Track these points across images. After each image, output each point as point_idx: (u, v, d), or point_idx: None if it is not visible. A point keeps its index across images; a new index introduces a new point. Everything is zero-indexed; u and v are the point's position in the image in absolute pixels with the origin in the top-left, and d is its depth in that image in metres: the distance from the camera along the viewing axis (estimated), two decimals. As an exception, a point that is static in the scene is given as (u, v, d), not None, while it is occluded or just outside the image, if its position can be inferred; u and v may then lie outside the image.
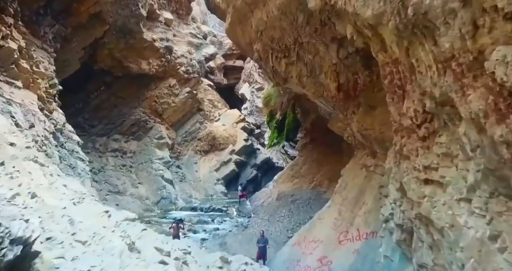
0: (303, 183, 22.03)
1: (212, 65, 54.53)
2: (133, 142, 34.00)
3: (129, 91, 34.26)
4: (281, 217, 16.49)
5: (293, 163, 24.30)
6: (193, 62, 39.08)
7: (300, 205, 17.21)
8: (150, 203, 27.32)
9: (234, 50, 59.06)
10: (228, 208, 24.42)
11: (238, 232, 16.83)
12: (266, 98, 70.20)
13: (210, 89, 43.22)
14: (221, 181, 33.02)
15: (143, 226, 10.97)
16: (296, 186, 22.20)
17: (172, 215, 24.44)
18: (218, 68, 55.84)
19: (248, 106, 53.96)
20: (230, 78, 59.73)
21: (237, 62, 59.16)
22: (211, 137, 35.98)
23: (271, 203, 19.82)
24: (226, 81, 56.47)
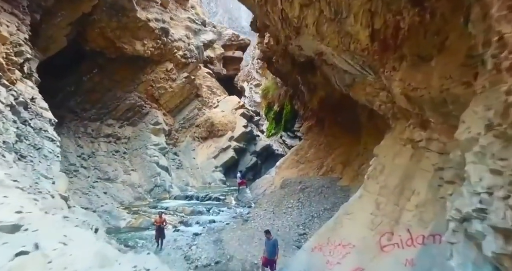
0: (310, 169, 18.10)
1: (211, 55, 50.37)
2: (128, 127, 29.93)
3: (123, 75, 30.08)
4: (288, 209, 12.61)
5: (297, 147, 20.33)
6: (191, 47, 34.89)
7: (311, 194, 13.32)
8: (143, 191, 23.33)
9: (234, 41, 54.85)
10: (226, 197, 20.60)
11: (236, 225, 12.94)
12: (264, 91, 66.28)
13: (209, 77, 39.05)
14: (219, 168, 29.10)
15: None
16: (302, 172, 18.27)
17: (164, 204, 20.48)
18: (217, 58, 51.55)
19: (246, 101, 50.73)
20: (230, 69, 55.47)
21: (236, 53, 54.94)
22: (210, 123, 31.94)
23: (275, 192, 15.96)
24: (225, 71, 52.19)
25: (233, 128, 31.40)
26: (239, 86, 62.30)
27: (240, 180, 21.45)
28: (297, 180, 15.91)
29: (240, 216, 16.23)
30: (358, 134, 14.26)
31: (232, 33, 54.30)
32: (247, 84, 68.81)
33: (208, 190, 25.23)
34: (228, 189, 25.06)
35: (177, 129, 32.69)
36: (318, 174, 16.38)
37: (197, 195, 21.50)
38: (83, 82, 28.36)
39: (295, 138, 58.68)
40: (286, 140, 55.56)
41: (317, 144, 18.97)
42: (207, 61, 48.92)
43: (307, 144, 19.71)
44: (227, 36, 53.61)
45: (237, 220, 13.97)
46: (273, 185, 18.73)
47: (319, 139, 19.12)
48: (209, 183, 27.80)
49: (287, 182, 16.11)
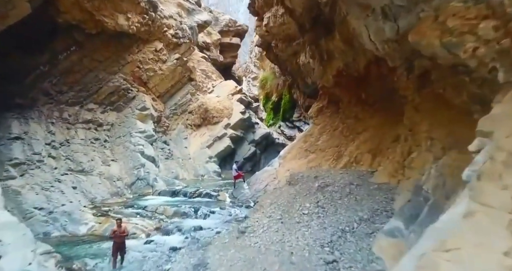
0: (323, 160, 13.63)
1: (207, 41, 45.50)
2: (112, 112, 25.25)
3: (106, 54, 25.30)
4: (303, 216, 8.10)
5: (305, 133, 15.78)
6: (184, 26, 30.08)
7: (334, 195, 8.84)
8: (122, 185, 18.81)
9: (231, 26, 49.91)
10: (220, 193, 16.07)
11: (229, 239, 8.39)
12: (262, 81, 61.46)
13: (204, 61, 34.28)
14: (214, 159, 24.60)
15: None
16: (313, 164, 13.79)
17: (144, 202, 15.96)
18: (214, 44, 46.65)
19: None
20: (227, 56, 50.58)
21: (233, 40, 50.03)
22: (203, 109, 27.32)
23: (281, 190, 11.45)
24: (222, 58, 47.32)
25: (229, 115, 26.83)
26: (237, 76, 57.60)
27: (236, 172, 16.75)
28: (310, 174, 11.41)
29: (235, 219, 11.78)
30: (396, 113, 9.82)
31: (229, 18, 49.36)
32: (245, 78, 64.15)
33: (199, 183, 20.66)
34: (223, 182, 20.48)
35: (167, 116, 28.05)
36: (337, 166, 11.93)
37: (185, 191, 17.00)
38: (58, 61, 23.54)
39: (294, 128, 54.12)
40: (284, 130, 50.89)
41: (331, 129, 14.47)
42: (203, 47, 44.08)
43: (318, 129, 15.20)
44: (224, 22, 48.72)
45: (231, 229, 9.51)
46: (277, 179, 14.28)
47: (334, 122, 14.61)
48: (202, 176, 23.36)
49: (297, 177, 11.58)
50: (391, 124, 10.32)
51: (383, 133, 10.55)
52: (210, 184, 20.11)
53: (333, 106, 15.16)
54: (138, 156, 21.21)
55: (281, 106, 57.49)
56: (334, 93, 14.64)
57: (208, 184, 20.09)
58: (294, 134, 48.66)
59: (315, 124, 15.63)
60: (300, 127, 53.14)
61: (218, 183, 20.16)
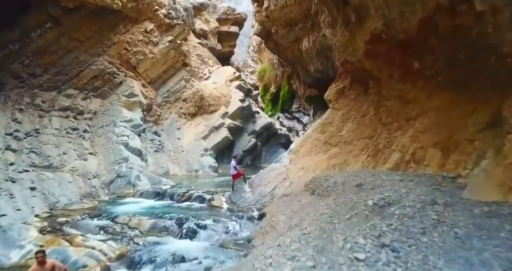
0: (350, 156, 9.53)
1: (205, 28, 40.85)
2: (96, 99, 20.93)
3: (88, 33, 20.84)
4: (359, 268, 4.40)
5: (322, 121, 11.48)
6: (177, 6, 25.56)
7: (410, 224, 4.68)
8: (98, 184, 14.62)
9: (229, 14, 45.16)
10: (215, 196, 11.89)
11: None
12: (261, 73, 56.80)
13: (200, 46, 29.78)
14: (210, 152, 20.42)
15: None
16: (337, 161, 9.68)
17: (117, 208, 11.74)
18: (211, 32, 41.97)
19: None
20: (225, 45, 45.92)
21: (232, 28, 45.31)
22: (199, 96, 22.99)
23: (299, 200, 7.23)
24: (220, 46, 42.70)
25: (227, 103, 22.56)
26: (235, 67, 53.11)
27: (236, 170, 11.83)
28: (346, 179, 6.96)
29: (234, 242, 7.69)
30: (480, 87, 5.75)
31: (227, 6, 44.55)
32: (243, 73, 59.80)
33: (192, 181, 16.39)
34: (220, 180, 16.03)
35: (159, 104, 23.72)
36: (380, 166, 7.82)
37: (172, 192, 12.77)
38: (31, 39, 19.09)
39: (293, 119, 49.84)
40: (283, 121, 46.48)
41: (358, 115, 10.32)
42: (200, 35, 39.44)
43: (339, 115, 11.02)
44: (222, 9, 43.99)
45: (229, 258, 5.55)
46: (288, 181, 10.16)
47: (361, 106, 10.44)
48: (196, 171, 19.22)
49: (324, 183, 7.23)
50: (472, 104, 6.25)
51: (457, 118, 6.47)
52: (204, 181, 15.87)
53: (359, 86, 10.99)
54: (121, 148, 16.98)
55: (280, 98, 53.29)
56: (362, 69, 10.42)
57: (202, 181, 15.86)
58: (294, 125, 44.58)
59: (334, 109, 11.43)
60: (300, 118, 48.93)
61: (214, 181, 15.87)
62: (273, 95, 54.56)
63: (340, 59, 12.36)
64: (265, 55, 63.64)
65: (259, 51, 66.94)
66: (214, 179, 16.20)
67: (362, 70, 10.84)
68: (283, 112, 50.61)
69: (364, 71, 10.73)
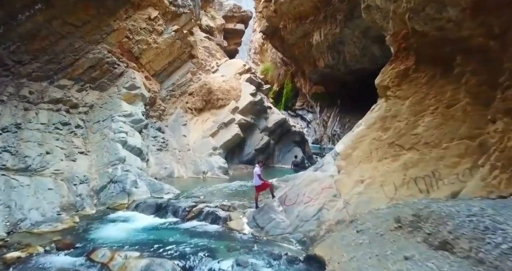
0: (441, 165, 5.66)
1: (212, 25, 36.62)
2: (93, 92, 16.91)
3: (85, 17, 16.73)
4: None
5: (379, 113, 7.41)
6: (185, -6, 21.40)
7: None
8: (86, 191, 10.69)
9: (235, 12, 40.99)
10: (232, 212, 8.07)
11: None
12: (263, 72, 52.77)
13: (207, 40, 25.67)
14: (219, 150, 16.49)
15: None
16: (420, 172, 5.83)
17: (100, 232, 7.78)
18: (218, 29, 37.80)
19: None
20: (231, 43, 41.78)
21: (238, 26, 41.16)
22: (206, 89, 18.98)
23: (382, 237, 3.91)
24: (226, 43, 38.57)
25: (237, 97, 18.61)
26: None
27: (261, 180, 7.98)
28: (480, 212, 3.69)
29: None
30: None
31: (233, 3, 40.33)
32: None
33: (200, 187, 12.17)
34: (233, 187, 11.73)
35: (163, 98, 19.72)
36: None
37: (176, 205, 8.80)
38: (18, 21, 14.96)
39: (297, 116, 45.84)
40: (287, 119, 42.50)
41: (442, 105, 6.48)
42: (207, 31, 35.20)
43: (407, 106, 7.13)
44: (228, 7, 39.81)
45: None
46: (341, 200, 6.27)
47: (443, 92, 6.58)
48: (204, 173, 15.29)
49: (435, 222, 3.63)
50: None
51: None
52: (215, 188, 11.77)
53: (433, 66, 7.07)
54: (117, 147, 13.01)
55: (283, 96, 49.43)
56: (442, 41, 6.52)
57: (211, 189, 11.80)
58: (298, 122, 40.69)
59: (396, 98, 7.50)
60: (303, 115, 45.01)
61: (227, 187, 11.85)
62: (275, 93, 50.65)
63: (397, 33, 8.35)
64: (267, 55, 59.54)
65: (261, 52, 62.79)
66: (226, 185, 12.22)
67: (443, 42, 6.89)
68: (287, 109, 46.72)
69: (446, 43, 6.80)
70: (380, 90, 8.44)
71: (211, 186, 12.37)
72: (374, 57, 24.05)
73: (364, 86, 29.10)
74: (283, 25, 30.57)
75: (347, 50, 24.89)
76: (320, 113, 35.19)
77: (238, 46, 43.32)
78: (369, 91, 26.76)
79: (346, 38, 23.99)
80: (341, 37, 24.19)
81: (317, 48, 27.03)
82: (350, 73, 27.74)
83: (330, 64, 27.07)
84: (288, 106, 46.66)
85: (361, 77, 27.90)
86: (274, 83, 51.38)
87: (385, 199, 6.06)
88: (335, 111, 31.57)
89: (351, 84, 29.51)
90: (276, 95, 49.00)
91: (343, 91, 30.90)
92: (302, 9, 26.63)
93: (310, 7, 25.26)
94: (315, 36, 26.53)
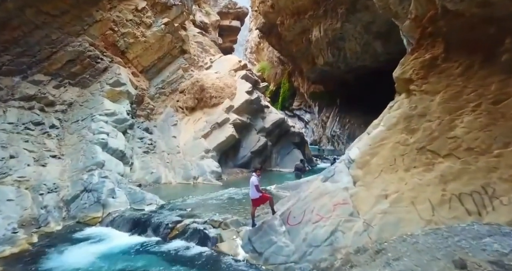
0: (496, 178, 4.33)
1: (206, 21, 35.20)
2: (73, 88, 15.40)
3: (63, 6, 15.23)
4: None
5: (404, 111, 6.04)
6: (176, -15, 19.92)
7: None
8: (54, 202, 9.14)
9: (231, 8, 39.57)
10: (223, 230, 6.69)
11: None
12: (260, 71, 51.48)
13: (201, 36, 24.20)
14: (211, 153, 15.04)
15: None
16: (467, 186, 4.47)
17: (61, 255, 6.29)
18: (212, 25, 36.35)
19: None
20: (226, 40, 40.36)
21: (233, 23, 39.74)
22: (199, 87, 17.52)
23: None
24: (221, 41, 37.13)
25: (232, 95, 17.18)
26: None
27: (258, 192, 6.37)
28: None
29: None
30: None
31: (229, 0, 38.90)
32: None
33: (188, 197, 10.68)
34: (227, 196, 10.08)
35: (152, 96, 18.22)
36: None
37: (158, 221, 7.37)
38: (-15, 9, 13.41)
39: (294, 116, 44.47)
40: (284, 118, 41.04)
41: (486, 101, 5.17)
42: (201, 27, 33.75)
43: (437, 102, 5.79)
44: (223, 3, 38.40)
45: None
46: (361, 221, 4.99)
47: (486, 85, 5.26)
48: (195, 178, 13.79)
49: None
50: None
51: None
52: (206, 197, 10.26)
53: (468, 54, 5.73)
54: (96, 149, 11.50)
55: (280, 95, 48.06)
56: (482, 22, 5.16)
57: (201, 197, 10.22)
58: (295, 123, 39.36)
59: (423, 93, 6.17)
60: (301, 115, 43.66)
61: (219, 197, 10.38)
62: (272, 93, 49.23)
63: (421, 16, 7.04)
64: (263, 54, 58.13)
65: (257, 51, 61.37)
66: (218, 194, 10.77)
67: (485, 22, 5.58)
68: (283, 109, 45.29)
69: (490, 24, 5.48)
70: (400, 84, 7.07)
71: (202, 194, 10.92)
72: (376, 54, 22.81)
73: (364, 85, 27.96)
74: (280, 21, 29.18)
75: (348, 46, 23.59)
76: (318, 113, 33.90)
77: (234, 44, 41.90)
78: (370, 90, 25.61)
79: (347, 34, 22.69)
80: (342, 33, 22.88)
81: (316, 45, 25.69)
82: (350, 71, 26.47)
83: (329, 61, 25.77)
84: (285, 106, 45.29)
85: (362, 76, 26.65)
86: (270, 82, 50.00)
87: (420, 221, 4.70)
88: (334, 111, 30.27)
89: (351, 83, 28.24)
90: (273, 95, 47.61)
91: (343, 90, 29.62)
92: (301, 3, 25.26)
93: (309, 1, 23.92)
94: (314, 32, 25.20)
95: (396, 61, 8.00)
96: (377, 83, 23.98)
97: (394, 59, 15.90)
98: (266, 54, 52.68)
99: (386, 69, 17.92)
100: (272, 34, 34.73)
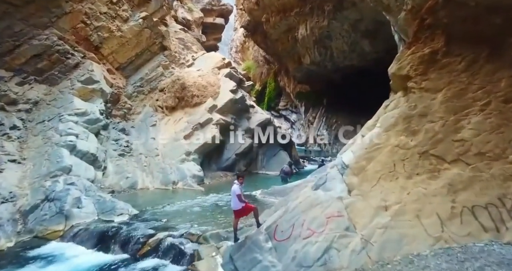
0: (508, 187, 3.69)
1: (188, 18, 34.00)
2: (39, 85, 14.13)
3: (27, -5, 13.85)
4: None
5: (403, 110, 5.47)
6: (155, -23, 18.84)
7: None
8: (9, 214, 8.04)
9: (214, 5, 38.56)
10: (201, 245, 5.95)
11: None
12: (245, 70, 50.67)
13: (182, 32, 23.17)
14: (193, 156, 14.12)
15: None
16: (479, 197, 3.86)
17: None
18: (195, 22, 35.17)
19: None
20: (210, 38, 39.16)
21: (217, 20, 38.73)
22: (179, 85, 16.55)
23: None
24: (204, 38, 36.01)
25: (215, 94, 16.32)
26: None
27: (241, 202, 5.64)
28: None
29: None
30: None
31: (213, -4, 37.89)
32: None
33: (166, 204, 9.76)
34: (209, 203, 9.36)
35: (130, 95, 17.12)
36: None
37: (128, 235, 6.52)
38: None
39: (280, 117, 43.96)
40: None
41: (496, 99, 4.65)
42: (183, 24, 32.58)
43: (440, 101, 5.23)
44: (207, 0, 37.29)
45: None
46: (358, 236, 4.38)
47: (495, 80, 4.70)
48: (174, 183, 12.82)
49: None
50: None
51: None
52: (183, 206, 9.33)
53: (475, 46, 5.20)
54: (62, 153, 10.40)
55: (266, 95, 47.43)
56: (482, 16, 4.60)
57: (179, 205, 9.32)
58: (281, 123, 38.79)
59: (423, 91, 5.57)
60: (287, 116, 43.16)
61: (199, 205, 9.45)
62: (258, 93, 48.49)
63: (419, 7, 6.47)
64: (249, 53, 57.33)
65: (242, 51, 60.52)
66: (198, 201, 9.90)
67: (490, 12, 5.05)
68: (269, 110, 44.65)
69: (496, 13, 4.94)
70: (397, 81, 6.47)
71: (181, 201, 10.01)
72: (364, 53, 22.50)
73: (352, 85, 27.69)
74: (265, 19, 28.49)
75: (335, 45, 23.17)
76: (305, 113, 33.43)
77: (218, 42, 40.85)
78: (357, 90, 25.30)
79: (334, 32, 22.25)
80: (329, 31, 22.43)
81: (303, 43, 25.16)
82: (337, 71, 26.09)
83: (316, 60, 25.30)
84: (271, 106, 44.68)
85: (349, 75, 26.34)
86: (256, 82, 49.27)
87: (427, 238, 4.06)
88: (321, 111, 29.87)
89: (338, 83, 27.89)
90: (259, 95, 46.89)
91: (330, 90, 29.25)
92: (286, 0, 24.68)
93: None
94: (300, 30, 24.66)
95: (384, 60, 7.40)
96: (365, 83, 23.75)
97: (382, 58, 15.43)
98: (252, 53, 51.90)
99: (374, 69, 17.50)
100: (257, 32, 34.02)
